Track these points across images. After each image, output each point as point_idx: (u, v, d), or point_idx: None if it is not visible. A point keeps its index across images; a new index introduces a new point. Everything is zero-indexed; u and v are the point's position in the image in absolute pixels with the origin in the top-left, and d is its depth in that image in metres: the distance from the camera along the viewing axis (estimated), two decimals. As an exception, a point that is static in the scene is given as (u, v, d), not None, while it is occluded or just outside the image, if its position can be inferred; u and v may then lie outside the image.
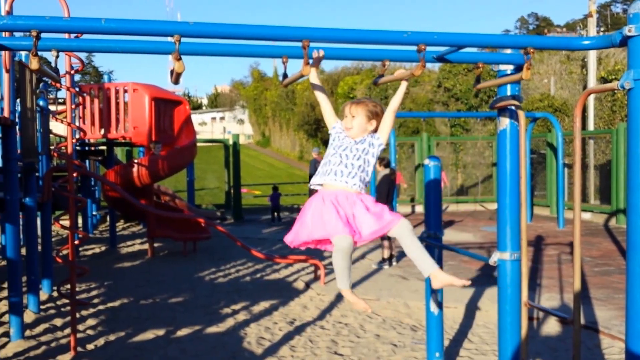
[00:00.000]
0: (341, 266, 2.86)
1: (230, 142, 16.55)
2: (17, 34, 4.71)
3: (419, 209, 17.18)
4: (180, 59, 2.57)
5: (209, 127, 69.62)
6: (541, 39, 3.23)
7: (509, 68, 3.48)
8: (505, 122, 3.55)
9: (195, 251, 11.08)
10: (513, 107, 3.48)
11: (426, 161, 4.57)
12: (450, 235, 11.95)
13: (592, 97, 17.46)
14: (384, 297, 7.28)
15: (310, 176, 15.52)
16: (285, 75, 3.11)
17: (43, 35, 2.52)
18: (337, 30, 2.77)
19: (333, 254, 2.86)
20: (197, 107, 75.89)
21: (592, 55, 17.80)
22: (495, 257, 3.64)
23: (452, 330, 6.06)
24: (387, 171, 9.19)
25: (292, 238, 2.99)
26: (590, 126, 17.60)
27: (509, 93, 3.51)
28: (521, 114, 3.44)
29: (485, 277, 8.11)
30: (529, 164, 15.12)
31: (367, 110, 3.01)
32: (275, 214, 15.59)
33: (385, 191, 8.99)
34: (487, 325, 6.21)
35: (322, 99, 3.13)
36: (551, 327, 6.10)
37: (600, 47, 3.12)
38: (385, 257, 9.10)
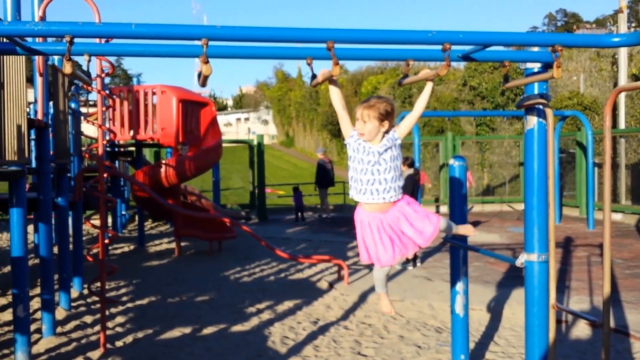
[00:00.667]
0: (381, 279, 3.43)
1: (255, 142, 16.65)
2: (49, 39, 4.82)
3: (444, 209, 17.07)
4: (207, 62, 2.61)
5: (234, 127, 70.13)
6: (569, 36, 3.20)
7: (537, 66, 3.43)
8: (532, 121, 3.50)
9: (220, 250, 11.19)
10: (541, 106, 3.45)
11: (451, 161, 4.55)
12: (476, 236, 11.85)
13: (623, 95, 17.14)
14: (408, 298, 7.26)
15: (317, 178, 15.59)
16: (314, 77, 3.13)
17: (76, 40, 2.58)
18: (361, 31, 2.79)
19: (375, 269, 3.35)
20: (222, 108, 76.49)
21: (623, 52, 17.48)
22: (522, 259, 3.60)
23: (477, 333, 6.02)
24: (411, 171, 9.17)
25: (365, 259, 3.30)
26: (622, 124, 17.29)
27: (536, 91, 3.46)
28: (549, 113, 3.40)
29: (512, 279, 8.03)
30: (558, 163, 14.91)
31: (378, 114, 3.05)
32: (299, 213, 15.71)
33: (409, 191, 8.96)
34: (513, 328, 6.16)
35: (340, 108, 3.12)
36: (580, 330, 6.02)
37: (631, 44, 3.07)
38: (409, 258, 9.07)
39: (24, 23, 2.83)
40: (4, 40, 3.27)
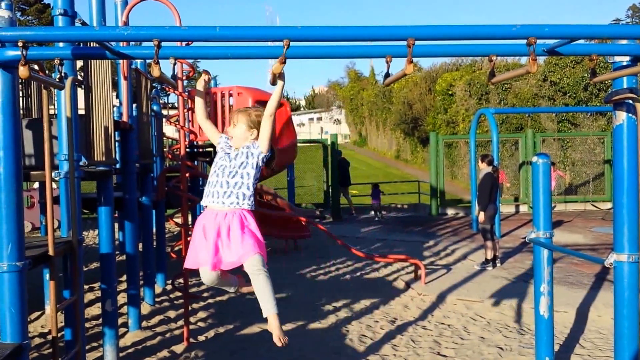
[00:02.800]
0: (219, 286, 3.21)
1: (329, 142, 16.74)
2: (131, 43, 5.02)
3: (523, 208, 16.53)
4: (284, 62, 2.65)
5: (307, 127, 70.74)
6: (662, 27, 3.03)
7: (625, 59, 3.31)
8: (621, 117, 3.38)
9: (296, 249, 11.32)
10: (630, 101, 3.30)
11: (534, 158, 4.42)
12: (558, 236, 11.40)
13: None
14: (488, 299, 7.10)
15: (342, 178, 15.98)
16: (387, 75, 3.11)
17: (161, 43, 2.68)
18: (442, 27, 2.75)
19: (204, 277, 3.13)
20: (295, 108, 77.36)
21: None
22: (611, 259, 3.48)
23: (562, 335, 5.81)
24: (489, 169, 8.93)
25: (186, 263, 3.13)
26: None
27: (625, 85, 3.33)
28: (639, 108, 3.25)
29: (598, 281, 7.69)
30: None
31: (248, 120, 3.09)
32: (378, 211, 15.82)
33: (487, 190, 8.75)
34: (600, 330, 5.90)
35: (202, 119, 3.25)
36: (673, 335, 5.69)
37: None
38: (489, 258, 8.85)
39: (114, 28, 2.97)
40: (94, 45, 3.44)
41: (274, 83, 2.89)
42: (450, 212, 16.48)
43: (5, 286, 3.08)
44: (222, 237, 2.97)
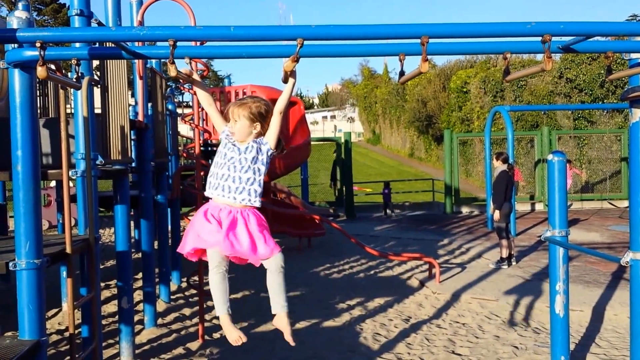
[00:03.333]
0: (215, 285, 2.96)
1: (342, 140, 16.74)
2: (146, 43, 5.06)
3: (539, 206, 16.41)
4: (297, 60, 2.65)
5: (320, 125, 70.73)
6: (679, 23, 3.00)
7: (642, 56, 3.28)
8: (638, 114, 3.37)
9: (309, 247, 11.33)
10: (648, 98, 3.28)
11: (550, 156, 4.39)
12: (575, 235, 11.32)
13: None
14: (503, 298, 7.06)
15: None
16: (402, 73, 3.09)
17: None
18: (456, 24, 2.74)
19: (209, 269, 2.91)
20: (309, 106, 77.39)
21: None
22: (627, 257, 3.45)
23: (577, 334, 5.77)
24: (504, 167, 8.88)
25: (181, 246, 2.99)
26: None
27: (642, 83, 3.31)
28: (657, 105, 3.22)
29: (614, 280, 7.62)
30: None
31: (249, 113, 2.89)
32: (387, 209, 15.88)
33: (502, 188, 8.70)
34: (616, 329, 5.85)
35: (207, 105, 3.00)
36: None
37: None
38: (504, 257, 8.81)
39: (130, 29, 3.00)
40: (111, 45, 3.47)
41: (285, 81, 2.86)
42: (465, 210, 16.41)
43: (23, 283, 3.12)
44: (238, 228, 2.87)
